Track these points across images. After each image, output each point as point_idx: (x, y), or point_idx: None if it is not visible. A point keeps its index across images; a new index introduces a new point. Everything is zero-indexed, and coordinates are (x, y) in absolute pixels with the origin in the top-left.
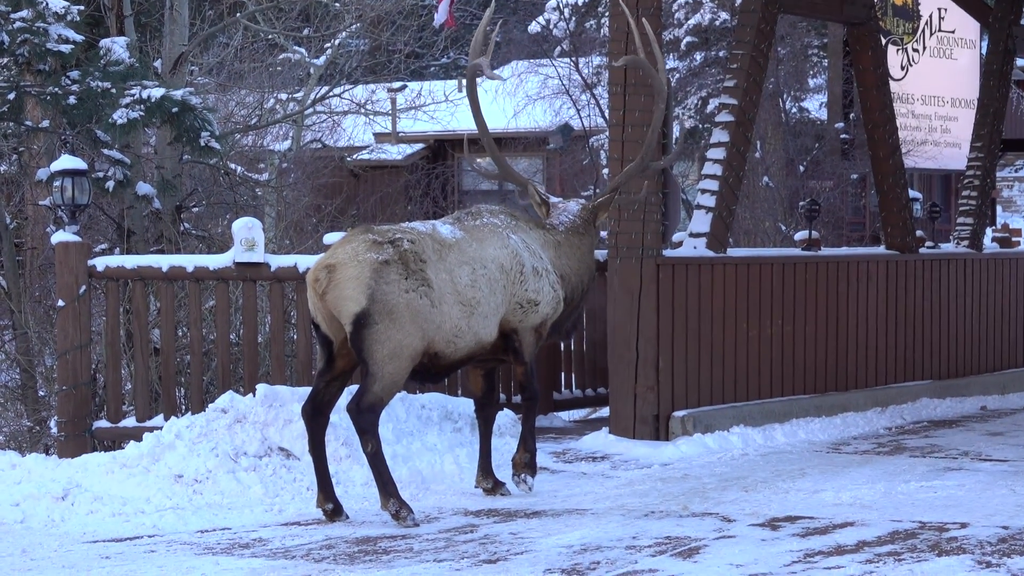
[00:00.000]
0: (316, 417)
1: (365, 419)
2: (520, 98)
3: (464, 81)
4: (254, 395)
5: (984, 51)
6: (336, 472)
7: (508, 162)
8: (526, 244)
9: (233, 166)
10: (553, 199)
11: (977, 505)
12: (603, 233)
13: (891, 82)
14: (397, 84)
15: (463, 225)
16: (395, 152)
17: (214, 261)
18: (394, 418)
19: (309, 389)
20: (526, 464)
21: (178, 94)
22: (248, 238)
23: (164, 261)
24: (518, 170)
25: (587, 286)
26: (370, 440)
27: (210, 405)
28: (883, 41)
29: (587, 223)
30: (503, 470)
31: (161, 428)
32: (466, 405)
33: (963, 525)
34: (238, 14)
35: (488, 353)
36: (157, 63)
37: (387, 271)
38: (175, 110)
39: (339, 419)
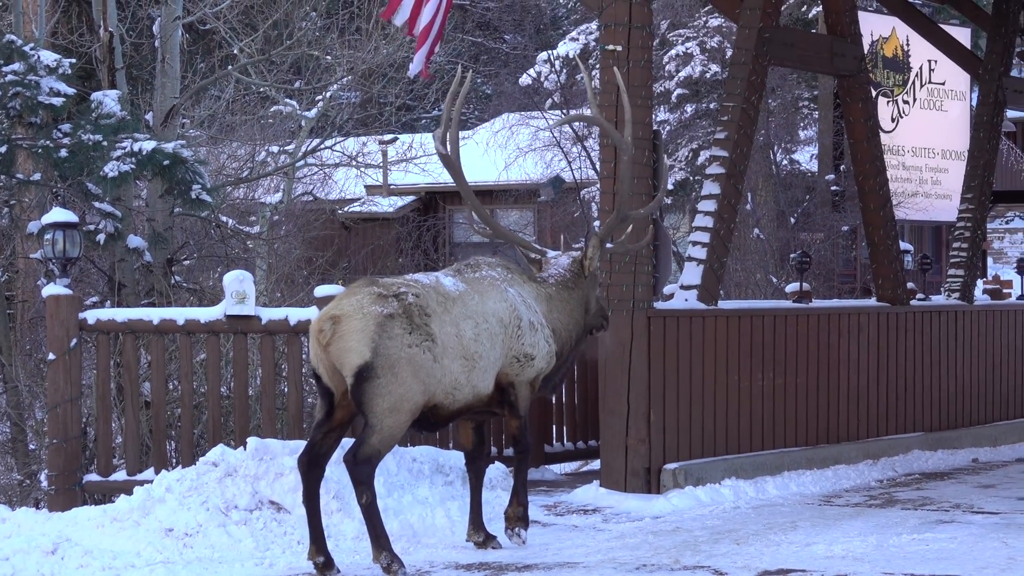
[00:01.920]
0: (312, 468)
1: (361, 470)
2: (511, 150)
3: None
4: (245, 448)
5: (974, 103)
6: (328, 525)
7: (499, 221)
8: (522, 298)
9: (224, 219)
10: (550, 253)
11: (969, 558)
12: None
13: (882, 134)
14: (388, 136)
15: (464, 278)
16: (386, 204)
17: (205, 314)
18: (385, 471)
19: (301, 442)
20: (519, 518)
21: (169, 147)
22: (239, 291)
23: (155, 314)
24: (509, 222)
25: (576, 340)
26: (365, 491)
27: (201, 458)
28: (873, 93)
29: (577, 276)
30: (494, 523)
31: (151, 482)
32: (457, 458)
33: None
34: (230, 67)
35: (483, 406)
36: (148, 116)
37: (391, 325)
38: (166, 163)
39: (331, 472)
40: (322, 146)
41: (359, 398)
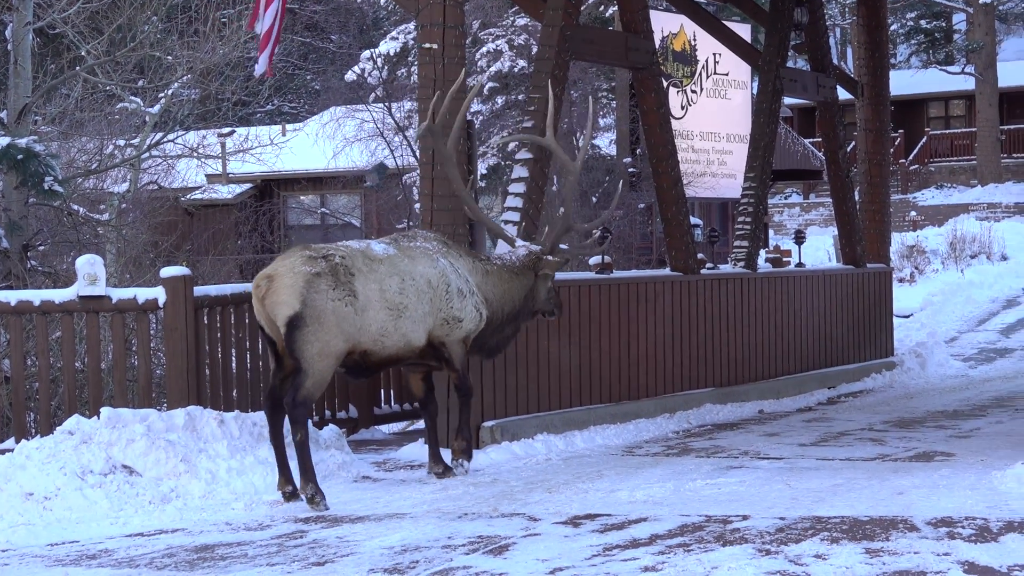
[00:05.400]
0: (275, 411)
1: (299, 411)
2: (338, 140)
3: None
4: (99, 418)
5: (755, 91)
6: (176, 487)
7: (332, 206)
8: (454, 268)
9: (76, 207)
10: (518, 242)
11: (757, 499)
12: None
13: (673, 120)
14: (226, 129)
15: (398, 245)
16: (226, 192)
17: (60, 295)
18: (228, 435)
19: (150, 410)
20: (463, 451)
21: (23, 142)
22: (91, 273)
23: (12, 296)
24: (338, 206)
25: (509, 315)
26: (300, 430)
27: (58, 428)
28: (665, 84)
29: (525, 267)
30: (326, 481)
31: (13, 450)
32: None
33: (745, 517)
34: (78, 67)
35: (416, 357)
36: (3, 114)
37: (318, 281)
38: (20, 157)
39: (177, 437)
40: (165, 139)
41: (291, 345)
